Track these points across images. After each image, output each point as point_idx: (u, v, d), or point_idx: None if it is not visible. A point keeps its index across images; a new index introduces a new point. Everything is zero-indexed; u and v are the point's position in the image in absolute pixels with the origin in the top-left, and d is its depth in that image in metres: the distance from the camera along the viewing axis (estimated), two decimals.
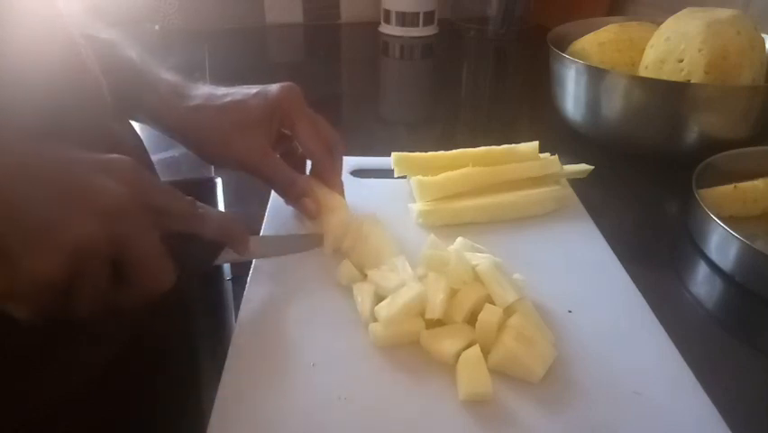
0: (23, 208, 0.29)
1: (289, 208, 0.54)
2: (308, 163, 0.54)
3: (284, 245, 0.51)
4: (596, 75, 0.70)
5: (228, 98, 0.49)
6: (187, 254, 0.37)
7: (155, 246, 0.33)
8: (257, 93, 0.50)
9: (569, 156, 0.62)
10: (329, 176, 0.52)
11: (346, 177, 0.60)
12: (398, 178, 0.59)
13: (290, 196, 0.51)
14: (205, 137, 0.49)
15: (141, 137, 0.54)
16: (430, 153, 0.59)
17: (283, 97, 0.49)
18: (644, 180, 0.68)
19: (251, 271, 0.48)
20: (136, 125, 0.54)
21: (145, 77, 0.49)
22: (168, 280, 0.34)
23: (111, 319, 0.41)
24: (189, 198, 0.37)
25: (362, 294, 0.43)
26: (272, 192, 0.56)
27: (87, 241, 0.30)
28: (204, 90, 0.50)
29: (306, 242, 0.51)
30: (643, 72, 0.70)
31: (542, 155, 0.59)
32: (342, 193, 0.53)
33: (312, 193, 0.51)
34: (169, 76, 0.51)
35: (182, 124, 0.49)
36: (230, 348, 0.41)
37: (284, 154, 0.53)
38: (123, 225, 0.31)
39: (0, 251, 0.28)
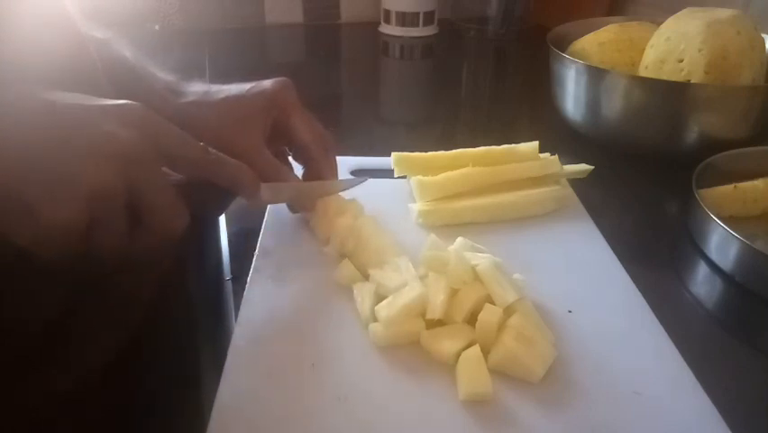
0: (39, 158, 0.29)
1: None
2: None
3: (296, 192, 0.51)
4: (596, 75, 0.70)
5: (224, 94, 0.49)
6: (200, 200, 0.37)
7: (168, 190, 0.33)
8: (252, 88, 0.50)
9: (569, 156, 0.62)
10: (325, 170, 0.52)
11: (346, 177, 0.60)
12: (398, 178, 0.59)
13: None
14: (202, 133, 0.48)
15: None
16: (430, 153, 0.59)
17: (278, 92, 0.50)
18: (644, 180, 0.68)
19: (251, 272, 0.48)
20: None
21: (140, 75, 0.49)
22: (182, 224, 0.34)
23: (110, 319, 0.41)
24: (201, 143, 0.37)
25: (362, 294, 0.43)
26: None
27: (103, 186, 0.30)
28: (199, 87, 0.51)
29: (316, 189, 0.51)
30: (643, 72, 0.70)
31: (542, 155, 0.59)
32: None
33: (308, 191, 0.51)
34: (164, 75, 0.51)
35: (178, 120, 0.49)
36: (230, 348, 0.40)
37: (274, 155, 0.53)
38: (137, 170, 0.31)
39: (20, 201, 0.28)
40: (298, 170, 0.54)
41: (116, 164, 0.31)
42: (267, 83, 0.50)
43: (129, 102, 0.33)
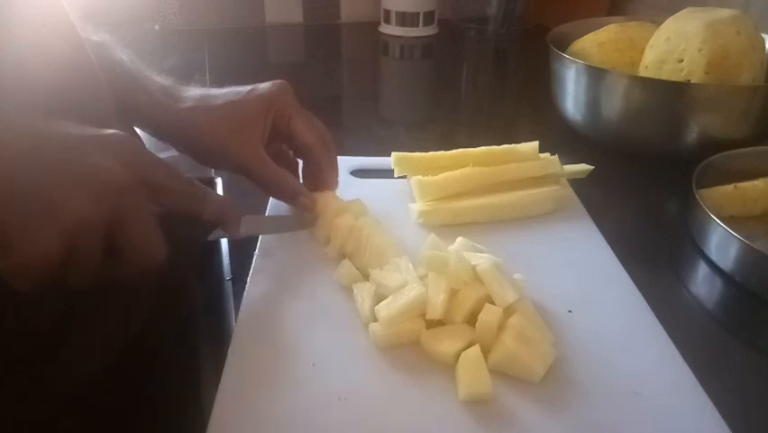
0: (22, 189, 0.29)
1: (289, 208, 0.54)
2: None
3: (275, 225, 0.52)
4: (596, 75, 0.70)
5: (221, 100, 0.49)
6: (180, 230, 0.38)
7: (149, 223, 0.33)
8: (250, 91, 0.50)
9: (569, 156, 0.62)
10: (326, 169, 0.52)
11: (346, 177, 0.61)
12: (398, 178, 0.59)
13: (285, 194, 0.51)
14: (200, 138, 0.49)
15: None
16: (430, 153, 0.59)
17: (277, 94, 0.50)
18: (644, 180, 0.68)
19: (251, 272, 0.48)
20: None
21: (137, 80, 0.49)
22: (159, 256, 0.34)
23: (110, 319, 0.41)
24: (187, 176, 0.37)
25: (362, 294, 0.43)
26: None
27: (85, 220, 0.30)
28: (197, 92, 0.51)
29: (296, 222, 0.51)
30: (643, 72, 0.70)
31: (542, 155, 0.59)
32: (335, 187, 0.53)
33: (305, 190, 0.51)
34: (160, 79, 0.51)
35: (176, 126, 0.49)
36: (230, 348, 0.40)
37: (274, 157, 0.53)
38: (119, 204, 0.31)
39: None
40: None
41: (100, 197, 0.31)
42: (264, 86, 0.50)
43: (116, 132, 0.33)
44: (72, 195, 0.30)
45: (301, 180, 0.54)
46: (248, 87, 0.50)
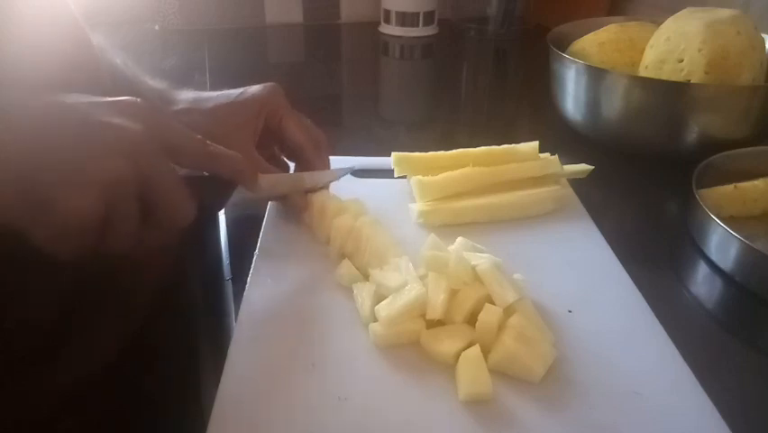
0: (52, 153, 0.30)
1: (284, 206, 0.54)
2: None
3: (293, 183, 0.52)
4: (596, 75, 0.70)
5: (213, 103, 0.50)
6: (203, 192, 0.38)
7: (176, 181, 0.34)
8: (242, 94, 0.51)
9: (569, 156, 0.62)
10: (318, 168, 0.53)
11: (346, 177, 0.61)
12: (398, 178, 0.59)
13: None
14: None
15: None
16: (430, 153, 0.59)
17: (268, 96, 0.51)
18: (644, 180, 0.68)
19: (251, 271, 0.48)
20: None
21: (131, 84, 0.50)
22: (190, 214, 0.35)
23: (110, 319, 0.41)
24: (200, 137, 0.37)
25: (362, 294, 0.43)
26: None
27: (115, 178, 0.31)
28: (189, 95, 0.51)
29: (313, 179, 0.52)
30: (643, 72, 0.70)
31: (542, 155, 0.59)
32: (327, 187, 0.54)
33: (301, 191, 0.51)
34: (154, 82, 0.52)
35: None
36: (230, 348, 0.40)
37: (266, 160, 0.53)
38: (146, 161, 0.32)
39: (37, 196, 0.29)
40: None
41: (127, 155, 0.31)
42: (255, 89, 0.51)
43: (132, 98, 0.34)
44: (101, 153, 0.31)
45: None
46: (240, 90, 0.51)
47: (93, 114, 0.32)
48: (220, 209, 0.45)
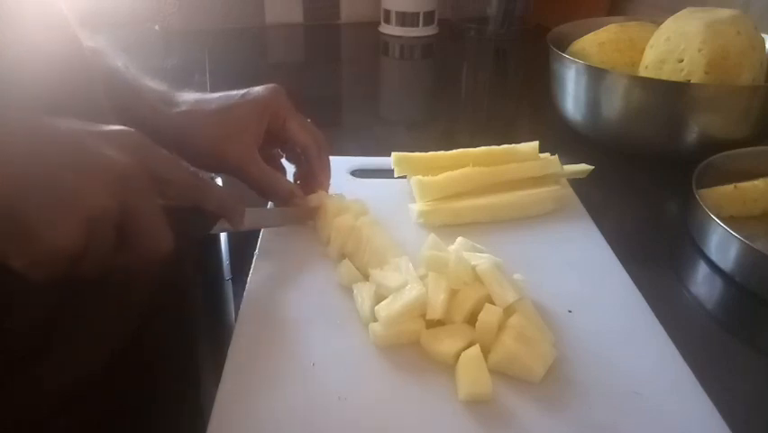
0: (39, 180, 0.30)
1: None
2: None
3: (278, 218, 0.52)
4: (596, 75, 0.70)
5: (215, 104, 0.50)
6: (185, 222, 0.38)
7: (157, 214, 0.34)
8: (244, 95, 0.50)
9: (569, 156, 0.62)
10: (318, 169, 0.53)
11: (346, 177, 0.61)
12: (398, 178, 0.59)
13: (279, 195, 0.51)
14: (196, 143, 0.49)
15: None
16: (430, 153, 0.59)
17: (271, 97, 0.50)
18: (644, 180, 0.68)
19: (251, 271, 0.48)
20: None
21: (132, 86, 0.50)
22: (166, 247, 0.35)
23: (111, 318, 0.41)
24: (192, 168, 0.37)
25: (362, 294, 0.43)
26: None
27: (101, 209, 0.31)
28: (191, 97, 0.51)
29: (299, 214, 0.52)
30: (643, 72, 0.70)
31: (542, 155, 0.59)
32: (327, 187, 0.54)
33: (299, 191, 0.52)
34: (154, 84, 0.51)
35: (172, 131, 0.49)
36: (230, 348, 0.40)
37: (266, 161, 0.53)
38: (131, 194, 0.32)
39: (21, 224, 0.29)
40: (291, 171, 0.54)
41: (113, 187, 0.31)
42: (258, 90, 0.51)
43: (125, 128, 0.34)
44: (87, 183, 0.31)
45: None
46: (242, 91, 0.51)
47: (83, 143, 0.32)
48: (202, 237, 0.45)
